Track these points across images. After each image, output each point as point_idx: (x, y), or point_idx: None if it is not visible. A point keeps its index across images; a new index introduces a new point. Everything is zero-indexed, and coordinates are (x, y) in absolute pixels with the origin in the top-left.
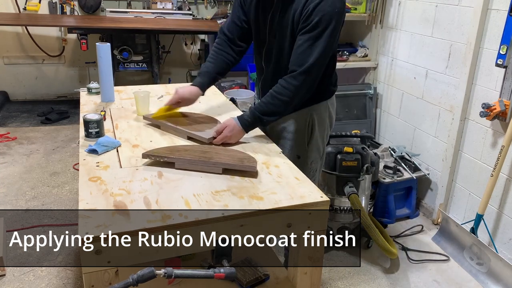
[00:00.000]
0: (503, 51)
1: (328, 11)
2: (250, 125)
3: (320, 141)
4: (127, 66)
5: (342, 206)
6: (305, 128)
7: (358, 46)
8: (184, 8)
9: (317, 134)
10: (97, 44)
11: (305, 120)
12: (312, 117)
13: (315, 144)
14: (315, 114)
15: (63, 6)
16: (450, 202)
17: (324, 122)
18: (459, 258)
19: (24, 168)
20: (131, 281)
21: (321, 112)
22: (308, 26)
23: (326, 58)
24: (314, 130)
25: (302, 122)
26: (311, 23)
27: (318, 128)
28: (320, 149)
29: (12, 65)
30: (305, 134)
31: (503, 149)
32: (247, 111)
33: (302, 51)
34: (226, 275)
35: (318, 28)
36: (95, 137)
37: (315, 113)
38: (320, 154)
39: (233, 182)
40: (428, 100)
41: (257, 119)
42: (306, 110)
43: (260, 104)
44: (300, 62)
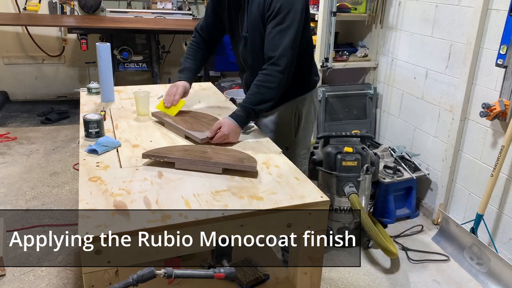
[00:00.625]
0: (503, 51)
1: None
2: (244, 119)
3: (308, 133)
4: (127, 66)
5: (342, 206)
6: (292, 120)
7: (358, 46)
8: (184, 8)
9: (304, 125)
10: (97, 44)
11: (291, 112)
12: (298, 108)
13: (302, 135)
14: (301, 105)
15: (63, 6)
16: (450, 202)
17: (310, 113)
18: (459, 258)
19: (24, 168)
20: (131, 281)
21: (307, 104)
22: (272, 13)
23: (297, 39)
24: (301, 121)
25: (289, 113)
26: (274, 10)
27: (305, 119)
28: (307, 141)
29: (12, 65)
30: (291, 125)
31: (503, 149)
32: (237, 108)
33: (273, 37)
34: (226, 275)
35: (282, 13)
36: (95, 137)
37: (301, 104)
38: (308, 146)
39: (233, 182)
40: (428, 100)
41: (249, 111)
42: (292, 102)
43: (248, 96)
44: (274, 48)
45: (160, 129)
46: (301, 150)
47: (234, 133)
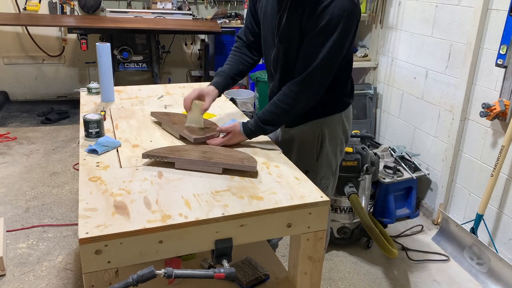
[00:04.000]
0: (503, 51)
1: (336, 14)
2: (252, 133)
3: (332, 156)
4: (127, 66)
5: (342, 206)
6: (314, 142)
7: (358, 46)
8: (184, 8)
9: (328, 149)
10: (97, 44)
11: (314, 133)
12: (322, 130)
13: (325, 160)
14: (325, 128)
15: (63, 6)
16: (450, 202)
17: (336, 137)
18: (459, 258)
19: (24, 168)
20: (131, 281)
21: (334, 126)
22: (315, 29)
23: (331, 64)
24: (324, 145)
25: (311, 135)
26: (318, 26)
27: (329, 143)
28: (332, 166)
29: (12, 65)
30: (313, 148)
31: (503, 149)
32: (251, 120)
33: (306, 56)
34: (226, 275)
35: (325, 31)
36: (95, 137)
37: (326, 126)
38: (333, 171)
39: (233, 182)
40: (428, 100)
41: (260, 128)
42: (315, 123)
43: (264, 112)
44: (303, 68)
45: (160, 129)
46: (322, 175)
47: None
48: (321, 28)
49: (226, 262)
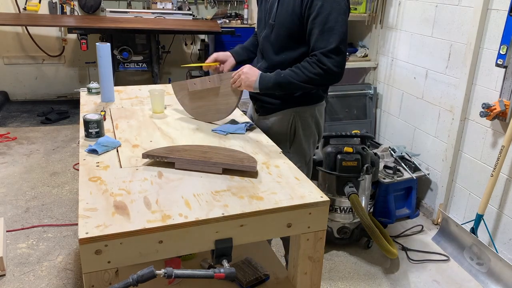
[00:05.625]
0: (503, 51)
1: None
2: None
3: (306, 146)
4: (127, 66)
5: (342, 206)
6: (288, 130)
7: (358, 46)
8: (184, 8)
9: (301, 138)
10: (97, 44)
11: (287, 121)
12: (295, 118)
13: (299, 147)
14: (298, 117)
15: (63, 6)
16: (450, 202)
17: (309, 126)
18: (459, 258)
19: (24, 168)
20: (131, 281)
21: (306, 117)
22: (314, 11)
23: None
24: (297, 134)
25: (285, 122)
26: (316, 7)
27: (302, 132)
28: (305, 155)
29: (12, 65)
30: (287, 135)
31: (503, 149)
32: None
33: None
34: (226, 275)
35: (326, 10)
36: (95, 137)
37: (299, 116)
38: (306, 161)
39: (233, 182)
40: (428, 100)
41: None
42: (289, 111)
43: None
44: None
45: (160, 129)
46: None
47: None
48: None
49: (226, 262)
